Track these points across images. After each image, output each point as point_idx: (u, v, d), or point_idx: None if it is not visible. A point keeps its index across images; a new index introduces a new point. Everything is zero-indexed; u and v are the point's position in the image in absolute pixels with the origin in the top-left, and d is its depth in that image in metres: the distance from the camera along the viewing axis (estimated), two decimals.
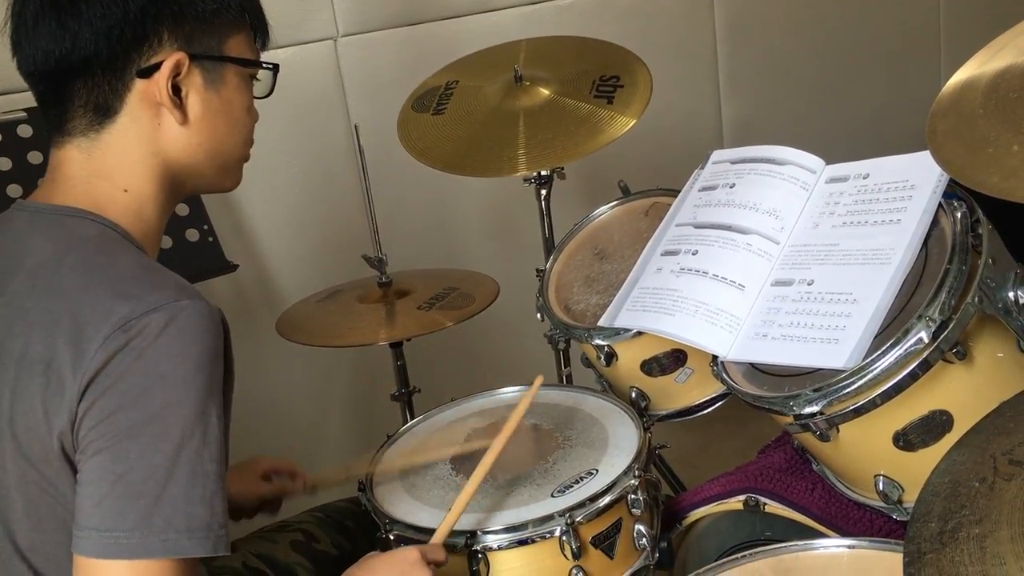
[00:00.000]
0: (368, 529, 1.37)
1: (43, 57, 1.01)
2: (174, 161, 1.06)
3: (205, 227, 1.87)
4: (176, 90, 1.03)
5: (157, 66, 1.01)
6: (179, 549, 0.89)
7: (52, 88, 1.03)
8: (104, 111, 1.02)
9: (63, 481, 0.92)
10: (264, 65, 1.13)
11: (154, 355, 0.89)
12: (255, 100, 1.14)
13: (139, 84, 1.02)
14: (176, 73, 1.02)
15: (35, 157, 1.73)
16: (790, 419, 1.19)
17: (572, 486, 1.33)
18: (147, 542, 0.87)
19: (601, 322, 1.50)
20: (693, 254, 1.43)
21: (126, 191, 1.03)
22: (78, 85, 1.01)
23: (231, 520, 1.40)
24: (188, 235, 1.85)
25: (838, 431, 1.17)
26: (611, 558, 1.31)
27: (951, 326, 1.09)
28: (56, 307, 0.93)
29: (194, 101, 1.05)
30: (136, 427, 0.88)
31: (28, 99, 1.71)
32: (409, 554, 1.13)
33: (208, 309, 0.93)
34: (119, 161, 1.03)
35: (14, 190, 1.70)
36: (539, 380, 1.41)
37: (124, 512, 0.87)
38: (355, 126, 1.89)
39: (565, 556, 1.26)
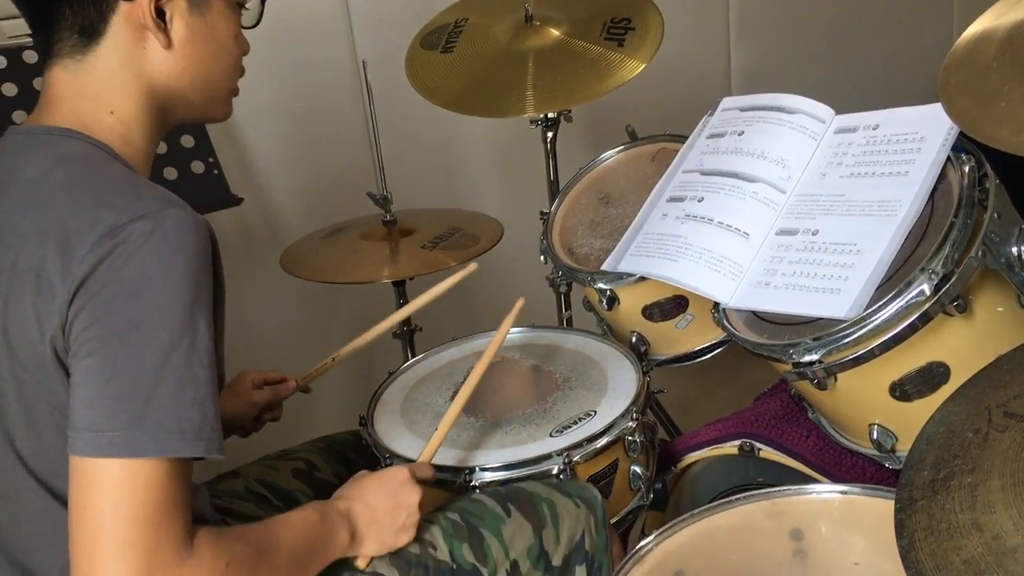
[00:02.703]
0: (368, 461, 1.40)
1: None
2: (159, 85, 1.06)
3: (210, 159, 1.86)
4: (160, 14, 1.03)
5: None
6: (171, 448, 0.90)
7: (40, 11, 1.04)
8: (89, 33, 1.02)
9: (57, 385, 0.94)
10: None
11: (141, 261, 0.90)
12: (246, 30, 1.14)
13: (123, 6, 1.02)
14: None
15: (40, 83, 1.72)
16: (789, 367, 1.20)
17: (570, 426, 1.35)
18: (140, 441, 0.89)
19: (604, 266, 1.51)
20: (699, 201, 1.44)
21: (112, 113, 1.04)
22: (63, 7, 1.02)
23: (243, 437, 1.42)
24: (193, 167, 1.84)
25: (835, 380, 1.19)
26: (607, 497, 1.33)
27: (953, 279, 1.10)
28: (44, 218, 0.94)
29: (178, 25, 1.05)
30: (124, 330, 0.90)
31: None
32: (399, 473, 1.16)
33: (194, 219, 0.94)
34: (104, 83, 1.04)
35: (19, 116, 1.68)
36: (519, 303, 1.39)
37: (116, 412, 0.89)
38: (363, 62, 1.87)
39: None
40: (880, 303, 1.13)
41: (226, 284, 1.02)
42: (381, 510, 1.12)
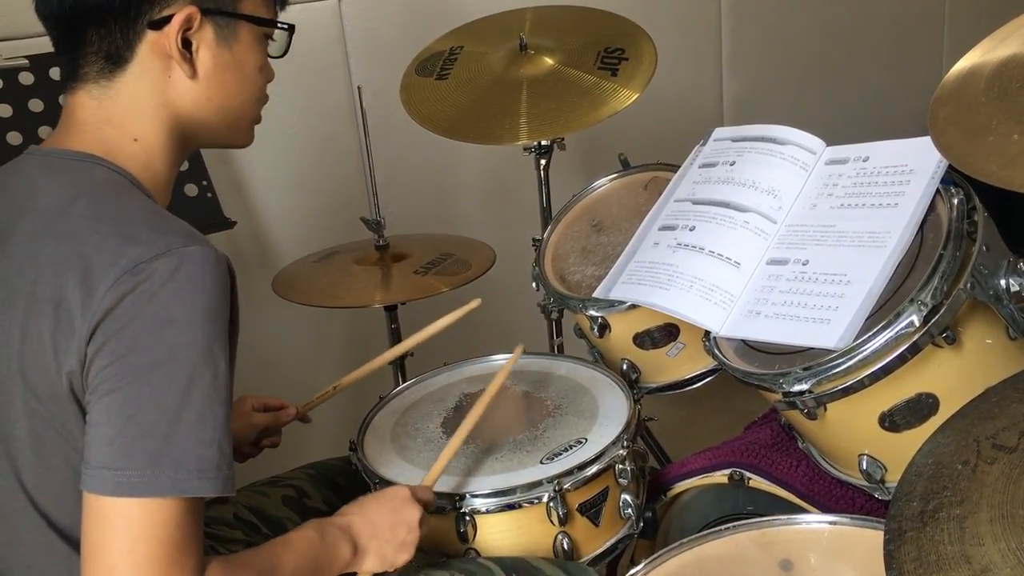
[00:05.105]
0: (359, 488, 1.39)
1: (58, 1, 1.01)
2: (184, 114, 1.06)
3: (204, 182, 1.87)
4: (187, 44, 1.03)
5: (168, 19, 1.01)
6: (188, 488, 0.90)
7: (66, 33, 1.03)
8: (115, 60, 1.02)
9: (70, 419, 0.94)
10: (279, 25, 1.13)
11: (164, 299, 0.90)
12: (270, 59, 1.14)
13: (150, 35, 1.02)
14: (187, 27, 1.02)
15: (36, 105, 1.72)
16: (779, 396, 1.20)
17: (561, 454, 1.34)
18: (157, 481, 0.89)
19: (596, 294, 1.51)
20: (690, 230, 1.44)
21: (136, 140, 1.04)
22: (91, 32, 1.02)
23: (239, 462, 1.42)
24: (187, 190, 1.85)
25: (825, 410, 1.19)
26: (596, 525, 1.33)
27: (942, 311, 1.11)
28: (65, 248, 0.94)
29: (204, 56, 1.05)
30: (146, 369, 0.90)
31: (30, 46, 1.71)
32: (400, 491, 1.17)
33: (216, 255, 0.94)
34: (129, 110, 1.04)
35: (14, 137, 1.69)
36: (519, 349, 1.42)
37: (135, 451, 0.89)
38: (358, 88, 1.89)
39: (552, 522, 1.28)
40: (869, 334, 1.13)
41: (239, 315, 1.01)
42: (382, 525, 1.12)
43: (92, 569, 0.89)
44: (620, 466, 1.33)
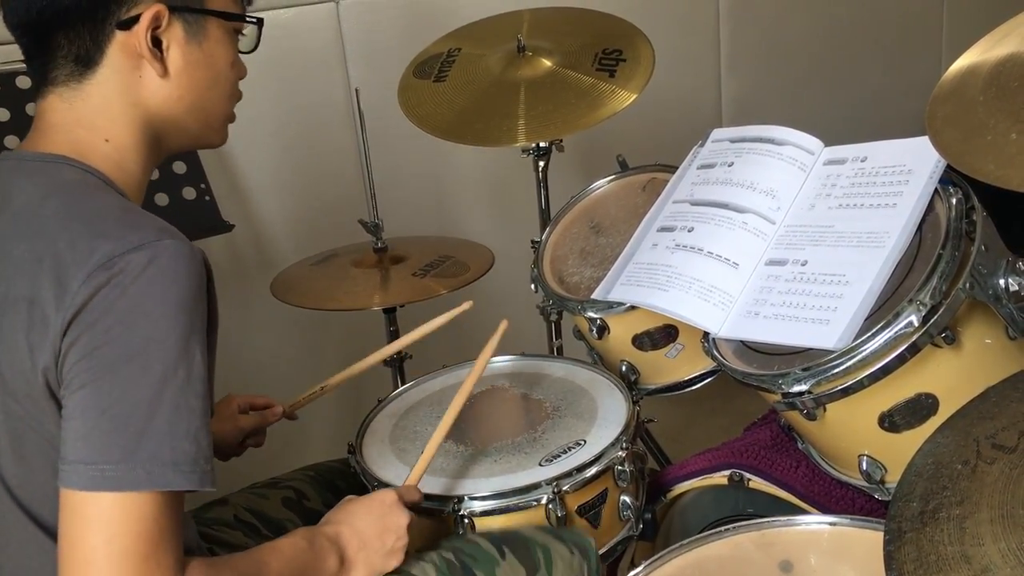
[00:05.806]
0: (358, 489, 1.39)
1: (25, 8, 1.01)
2: (155, 114, 1.06)
3: (202, 185, 1.87)
4: (156, 42, 1.03)
5: (136, 18, 1.01)
6: (165, 482, 0.89)
7: (36, 39, 1.03)
8: (85, 62, 1.02)
9: (48, 417, 0.93)
10: (248, 19, 1.13)
11: (136, 293, 0.90)
12: (241, 55, 1.14)
13: (119, 36, 1.02)
14: (156, 25, 1.02)
15: (33, 109, 1.72)
16: (778, 397, 1.20)
17: (560, 455, 1.34)
18: (133, 474, 0.88)
19: (595, 295, 1.51)
20: (689, 231, 1.44)
21: (107, 141, 1.04)
22: (59, 36, 1.02)
23: (224, 461, 1.42)
24: (185, 193, 1.84)
25: (824, 410, 1.19)
26: (596, 527, 1.33)
27: (941, 311, 1.11)
28: (38, 247, 0.94)
29: (175, 54, 1.05)
30: (119, 362, 0.89)
31: None
32: (386, 496, 1.16)
33: (190, 249, 0.94)
34: (100, 111, 1.03)
35: (11, 141, 1.69)
36: (503, 325, 1.40)
37: (109, 445, 0.88)
38: (355, 90, 1.88)
39: (551, 524, 1.28)
40: (869, 334, 1.13)
41: (217, 310, 1.02)
42: (370, 534, 1.11)
43: (69, 564, 0.88)
44: (619, 468, 1.33)
